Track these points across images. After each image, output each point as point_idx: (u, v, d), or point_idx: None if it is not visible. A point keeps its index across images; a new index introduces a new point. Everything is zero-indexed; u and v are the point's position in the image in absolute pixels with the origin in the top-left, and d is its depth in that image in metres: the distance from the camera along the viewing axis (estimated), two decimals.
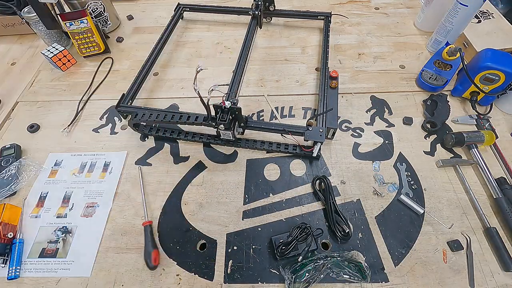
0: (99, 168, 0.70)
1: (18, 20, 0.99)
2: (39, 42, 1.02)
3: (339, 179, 0.67)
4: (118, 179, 0.68)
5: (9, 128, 0.79)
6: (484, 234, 0.59)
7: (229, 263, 0.57)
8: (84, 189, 0.68)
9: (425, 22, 0.97)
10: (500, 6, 1.24)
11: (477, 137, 0.68)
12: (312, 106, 0.80)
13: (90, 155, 0.73)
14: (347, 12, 1.07)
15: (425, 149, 0.71)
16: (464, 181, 0.65)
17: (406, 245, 0.58)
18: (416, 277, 0.55)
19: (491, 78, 0.70)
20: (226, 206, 0.64)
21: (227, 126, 0.62)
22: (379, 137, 0.73)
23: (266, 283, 0.55)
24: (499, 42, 0.83)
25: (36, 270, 0.57)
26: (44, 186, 0.68)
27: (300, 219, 0.62)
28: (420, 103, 0.79)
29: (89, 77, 0.90)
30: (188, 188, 0.67)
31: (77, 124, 0.79)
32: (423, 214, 0.61)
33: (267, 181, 0.67)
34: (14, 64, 0.97)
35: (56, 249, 0.60)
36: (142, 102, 0.82)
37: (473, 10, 0.77)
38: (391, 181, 0.66)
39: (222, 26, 1.05)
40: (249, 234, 0.61)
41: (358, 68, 0.89)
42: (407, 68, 0.88)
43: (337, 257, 0.55)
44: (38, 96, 0.86)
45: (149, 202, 0.65)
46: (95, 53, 0.95)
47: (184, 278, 0.56)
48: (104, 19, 1.00)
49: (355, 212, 0.62)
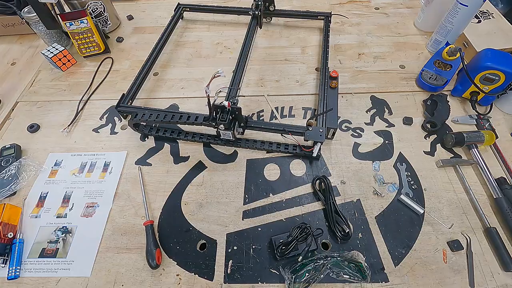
0: (99, 168, 0.70)
1: (18, 20, 0.99)
2: (39, 42, 1.02)
3: (339, 179, 0.67)
4: (118, 179, 0.68)
5: (9, 128, 0.79)
6: (484, 234, 0.59)
7: (229, 263, 0.57)
8: (84, 189, 0.68)
9: (425, 22, 0.97)
10: (500, 6, 1.24)
11: (477, 137, 0.68)
12: (312, 106, 0.80)
13: (90, 155, 0.73)
14: (347, 12, 1.07)
15: (425, 149, 0.71)
16: (464, 181, 0.65)
17: (406, 245, 0.58)
18: (416, 277, 0.55)
19: (491, 78, 0.70)
20: (226, 206, 0.64)
21: (227, 126, 0.62)
22: (379, 137, 0.73)
23: (266, 283, 0.55)
24: (499, 42, 0.83)
25: (36, 270, 0.57)
26: (44, 186, 0.68)
27: (300, 219, 0.62)
28: (420, 103, 0.79)
29: (89, 77, 0.90)
30: (188, 188, 0.67)
31: (77, 124, 0.79)
32: (423, 214, 0.61)
33: (267, 181, 0.67)
34: (14, 64, 0.97)
35: (56, 249, 0.60)
36: (142, 102, 0.82)
37: (473, 10, 0.77)
38: (391, 181, 0.66)
39: (222, 26, 1.05)
40: (249, 234, 0.61)
41: (358, 68, 0.89)
42: (407, 68, 0.88)
43: (337, 257, 0.55)
44: (38, 96, 0.86)
45: (149, 202, 0.65)
46: (95, 53, 0.95)
47: (184, 278, 0.56)
48: (104, 19, 1.00)
49: (355, 212, 0.62)
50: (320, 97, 0.74)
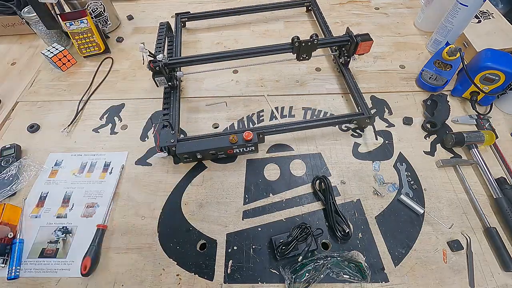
0: (99, 168, 0.70)
1: (18, 20, 0.99)
2: (39, 42, 1.02)
3: (339, 179, 0.67)
4: (118, 179, 0.68)
5: (9, 128, 0.79)
6: (484, 234, 0.59)
7: (229, 263, 0.57)
8: (84, 189, 0.68)
9: (425, 22, 0.97)
10: (500, 6, 1.24)
11: (477, 137, 0.68)
12: (312, 106, 0.80)
13: (90, 155, 0.73)
14: (347, 12, 1.07)
15: (425, 149, 0.71)
16: (464, 181, 0.65)
17: (406, 245, 0.58)
18: (416, 277, 0.55)
19: (491, 78, 0.70)
20: (226, 206, 0.64)
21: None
22: (379, 137, 0.73)
23: (266, 283, 0.55)
24: (499, 42, 0.83)
25: (36, 270, 0.57)
26: (44, 186, 0.68)
27: (300, 219, 0.62)
28: (420, 103, 0.79)
29: (89, 77, 0.90)
30: (188, 188, 0.67)
31: (77, 124, 0.79)
32: (423, 214, 0.61)
33: (267, 181, 0.67)
34: (14, 64, 0.97)
35: (56, 249, 0.60)
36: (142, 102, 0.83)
37: (473, 10, 0.77)
38: (391, 181, 0.66)
39: (222, 26, 1.05)
40: (249, 234, 0.61)
41: (358, 68, 0.89)
42: (407, 68, 0.88)
43: (337, 257, 0.55)
44: (38, 96, 0.86)
45: (149, 202, 0.65)
46: (95, 53, 0.95)
47: (184, 278, 0.56)
48: (104, 19, 1.00)
49: (355, 212, 0.62)
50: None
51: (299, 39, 0.71)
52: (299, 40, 0.71)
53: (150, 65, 0.69)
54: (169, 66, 0.72)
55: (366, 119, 0.71)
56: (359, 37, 0.74)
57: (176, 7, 1.13)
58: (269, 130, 0.70)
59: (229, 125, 0.77)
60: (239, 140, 0.64)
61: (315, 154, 0.71)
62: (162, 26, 0.93)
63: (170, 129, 0.68)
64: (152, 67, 0.69)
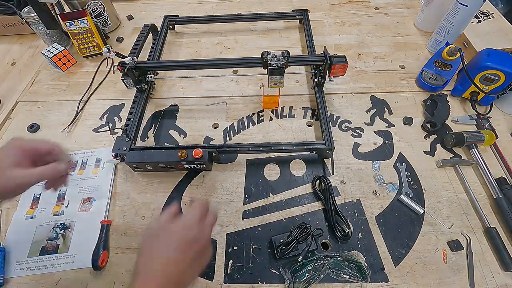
0: (91, 165, 0.71)
1: (18, 20, 0.99)
2: (39, 42, 1.02)
3: (339, 179, 0.67)
4: (112, 171, 0.69)
5: (9, 128, 0.80)
6: (484, 234, 0.59)
7: (229, 263, 0.57)
8: (78, 186, 0.68)
9: (425, 22, 0.97)
10: (500, 6, 1.24)
11: (477, 137, 0.68)
12: (312, 106, 0.80)
13: (80, 153, 0.73)
14: (347, 12, 1.07)
15: (425, 149, 0.71)
16: (464, 181, 0.65)
17: (406, 245, 0.58)
18: (416, 277, 0.55)
19: (491, 78, 0.70)
20: (226, 206, 0.64)
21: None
22: (379, 137, 0.73)
23: (266, 283, 0.55)
24: (499, 42, 0.83)
25: (38, 267, 0.57)
26: (36, 187, 0.67)
27: (300, 219, 0.62)
28: (420, 103, 0.79)
29: (89, 77, 0.90)
30: (188, 188, 0.67)
31: (77, 124, 0.79)
32: (423, 214, 0.61)
33: (267, 181, 0.67)
34: (14, 64, 0.97)
35: (57, 245, 0.60)
36: None
37: (473, 10, 0.77)
38: (391, 181, 0.66)
39: (222, 26, 1.05)
40: (249, 234, 0.61)
41: (358, 68, 0.89)
42: (407, 68, 0.88)
43: (337, 257, 0.55)
44: (38, 96, 0.86)
45: (149, 202, 0.65)
46: (95, 53, 0.95)
47: None
48: (104, 19, 1.00)
49: (355, 212, 0.62)
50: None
51: (269, 53, 0.67)
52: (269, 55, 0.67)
53: (118, 67, 0.71)
54: (136, 70, 0.73)
55: (327, 149, 0.67)
56: (334, 58, 0.69)
57: (176, 7, 1.13)
58: (222, 149, 0.67)
59: (229, 125, 0.77)
60: (189, 157, 0.62)
61: (315, 154, 0.71)
62: (145, 27, 0.93)
63: (125, 136, 0.68)
64: (120, 69, 0.71)
